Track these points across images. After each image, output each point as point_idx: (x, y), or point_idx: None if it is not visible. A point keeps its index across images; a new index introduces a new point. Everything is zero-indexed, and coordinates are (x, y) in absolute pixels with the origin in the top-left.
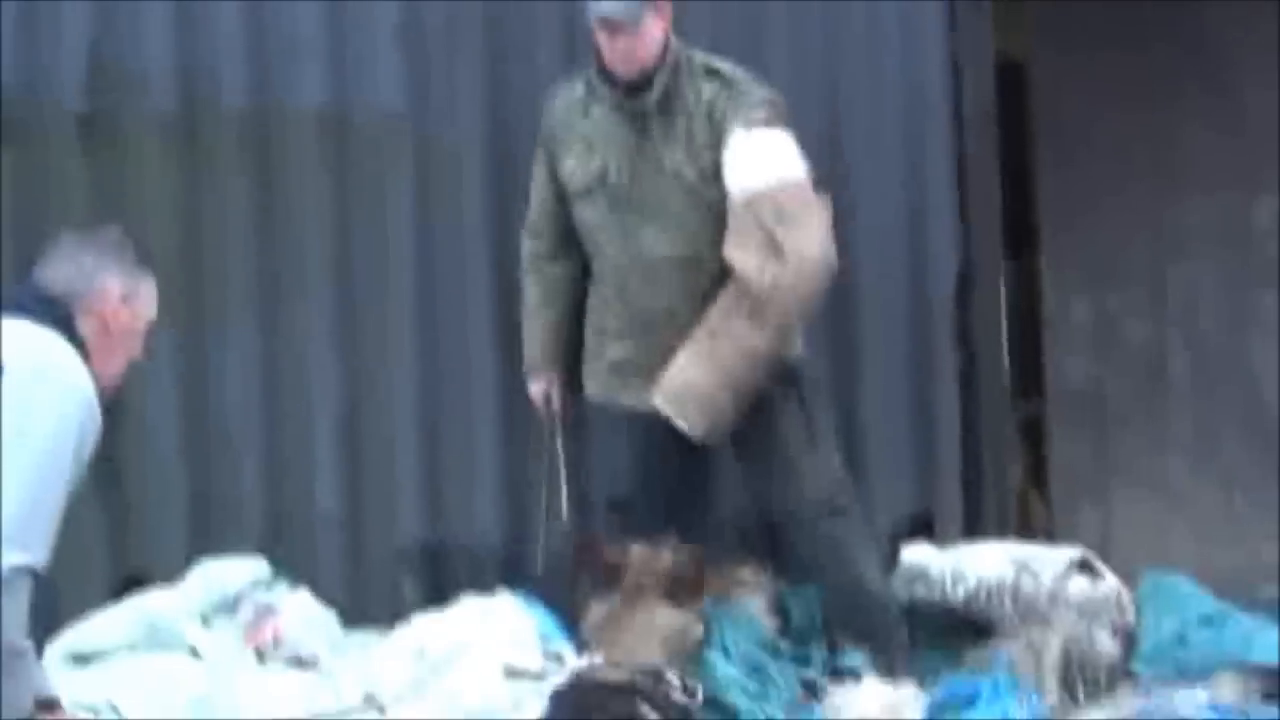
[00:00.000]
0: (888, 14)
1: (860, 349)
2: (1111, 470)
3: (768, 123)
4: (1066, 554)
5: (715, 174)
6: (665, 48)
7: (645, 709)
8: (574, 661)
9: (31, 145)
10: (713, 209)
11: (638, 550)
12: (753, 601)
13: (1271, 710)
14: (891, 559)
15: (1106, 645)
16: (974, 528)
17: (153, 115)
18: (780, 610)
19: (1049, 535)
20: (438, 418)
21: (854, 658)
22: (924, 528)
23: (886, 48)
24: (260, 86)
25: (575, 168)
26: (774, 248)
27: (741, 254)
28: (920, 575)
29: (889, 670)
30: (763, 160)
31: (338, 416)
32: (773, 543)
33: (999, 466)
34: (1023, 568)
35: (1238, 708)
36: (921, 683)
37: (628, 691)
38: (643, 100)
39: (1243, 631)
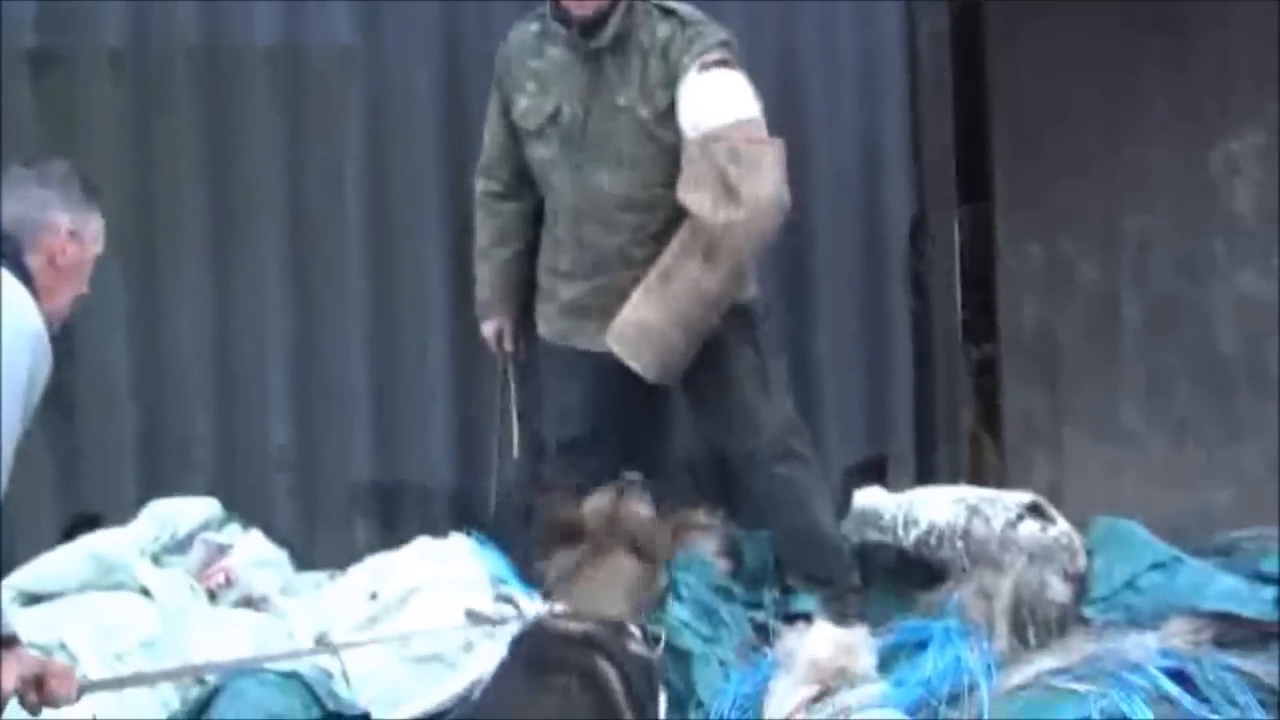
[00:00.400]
0: None
1: (814, 293)
2: (1064, 416)
3: (722, 63)
4: (1018, 499)
5: (669, 113)
6: None
7: (603, 663)
8: (527, 605)
9: None
10: (666, 149)
11: (593, 504)
12: (706, 544)
13: (1222, 657)
14: (844, 503)
15: (1057, 590)
16: (926, 472)
17: (104, 51)
18: (733, 553)
19: (1001, 480)
20: (390, 358)
21: (806, 601)
22: (877, 472)
23: None
24: (212, 21)
25: (529, 107)
26: (728, 189)
27: (696, 195)
28: (872, 519)
29: (840, 614)
30: (717, 100)
31: (290, 355)
32: (726, 486)
33: (951, 411)
34: (974, 512)
35: (1188, 653)
36: (873, 626)
37: (586, 644)
38: (597, 39)
39: (1194, 578)
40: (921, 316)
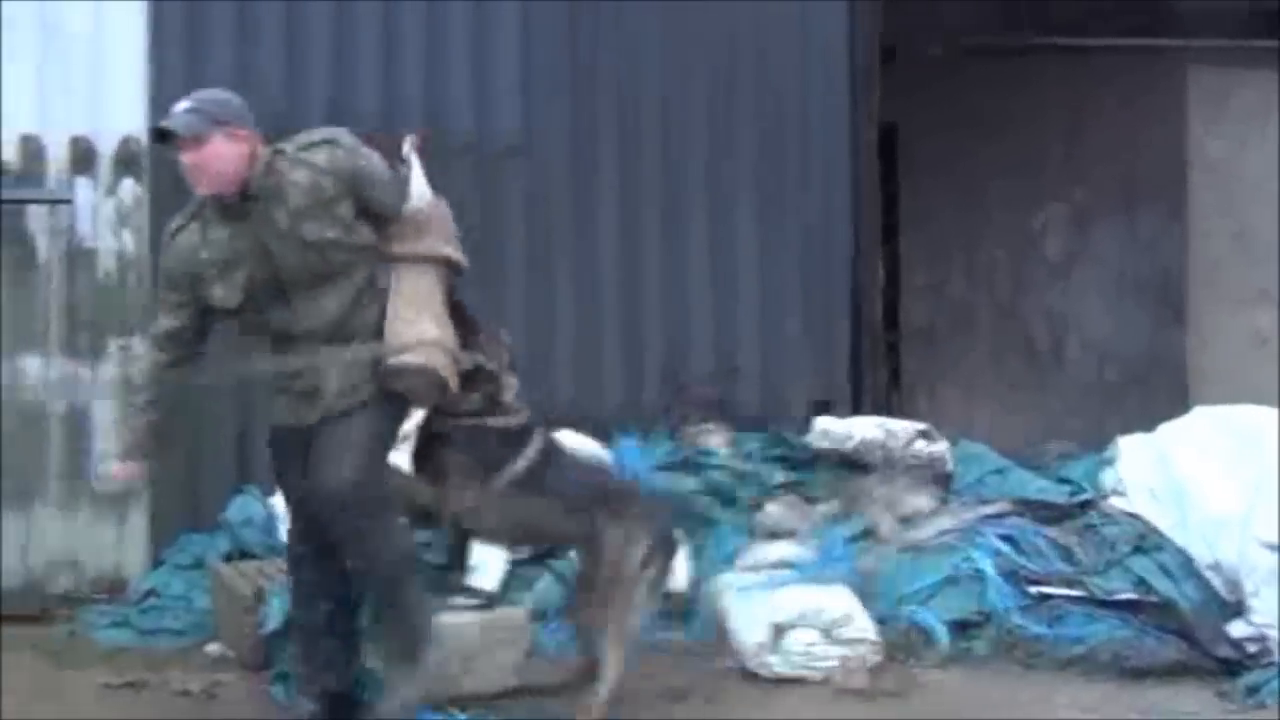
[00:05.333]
0: (816, 93)
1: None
2: (939, 376)
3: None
4: (914, 426)
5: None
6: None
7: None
8: None
9: None
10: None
11: None
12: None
13: (1035, 526)
14: (809, 424)
15: (928, 488)
16: (858, 408)
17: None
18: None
19: (902, 414)
20: None
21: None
22: (827, 406)
23: (817, 116)
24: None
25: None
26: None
27: (440, 243)
28: (826, 434)
29: None
30: (418, 182)
31: None
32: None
33: (873, 371)
34: (888, 433)
35: (1014, 525)
36: (824, 496)
37: None
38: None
39: (1018, 478)
40: (856, 313)
